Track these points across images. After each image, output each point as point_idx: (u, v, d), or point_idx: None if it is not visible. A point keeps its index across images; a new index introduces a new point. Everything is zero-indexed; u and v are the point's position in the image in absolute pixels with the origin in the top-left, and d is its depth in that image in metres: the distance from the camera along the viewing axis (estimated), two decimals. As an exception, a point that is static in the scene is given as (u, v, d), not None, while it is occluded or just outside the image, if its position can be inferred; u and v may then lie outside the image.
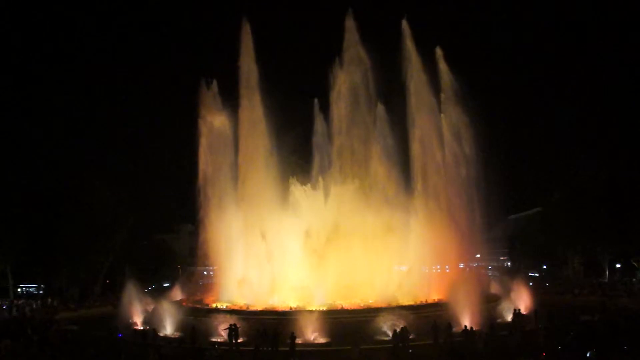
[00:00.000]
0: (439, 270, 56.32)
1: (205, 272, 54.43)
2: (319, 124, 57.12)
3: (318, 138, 57.08)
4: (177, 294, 54.71)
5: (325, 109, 55.75)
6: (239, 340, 36.34)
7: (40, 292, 75.84)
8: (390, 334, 35.78)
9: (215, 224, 53.08)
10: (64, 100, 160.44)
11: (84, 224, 65.69)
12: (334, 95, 54.07)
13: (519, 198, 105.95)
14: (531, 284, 59.85)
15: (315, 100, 56.99)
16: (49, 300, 65.60)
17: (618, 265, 79.50)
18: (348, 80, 53.72)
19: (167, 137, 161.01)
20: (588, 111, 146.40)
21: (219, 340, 37.34)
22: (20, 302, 62.27)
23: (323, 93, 54.85)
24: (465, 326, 36.08)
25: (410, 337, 34.79)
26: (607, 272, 76.05)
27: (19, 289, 78.62)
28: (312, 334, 36.88)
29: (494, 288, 53.79)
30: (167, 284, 71.96)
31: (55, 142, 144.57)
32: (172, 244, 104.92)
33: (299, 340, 34.86)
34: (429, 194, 52.63)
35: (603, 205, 66.99)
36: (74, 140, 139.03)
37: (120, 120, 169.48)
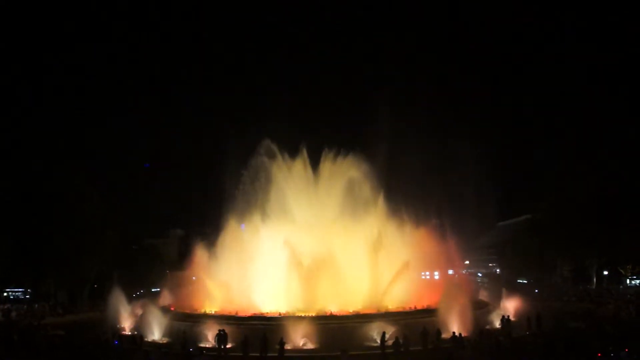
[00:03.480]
0: (428, 277, 56.51)
1: (194, 278, 54.23)
2: None
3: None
4: (166, 299, 54.38)
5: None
6: (227, 346, 36.21)
7: (27, 296, 75.11)
8: (379, 340, 35.78)
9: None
10: (56, 103, 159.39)
11: (73, 229, 65.17)
12: None
13: (509, 205, 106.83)
14: (520, 290, 60.11)
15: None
16: (36, 305, 65.00)
17: (606, 273, 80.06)
18: None
19: (160, 140, 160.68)
20: (577, 119, 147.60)
21: (207, 345, 37.20)
22: (6, 306, 61.63)
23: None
24: (454, 332, 36.22)
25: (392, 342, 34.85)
26: (595, 279, 76.55)
27: (5, 293, 77.87)
28: (301, 339, 36.82)
29: (483, 295, 54.04)
30: (156, 289, 71.54)
31: (45, 146, 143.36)
32: (161, 249, 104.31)
33: (288, 346, 34.79)
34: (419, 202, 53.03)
35: (591, 213, 67.52)
36: (64, 144, 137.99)
37: (110, 125, 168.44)
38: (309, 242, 48.12)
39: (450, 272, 55.94)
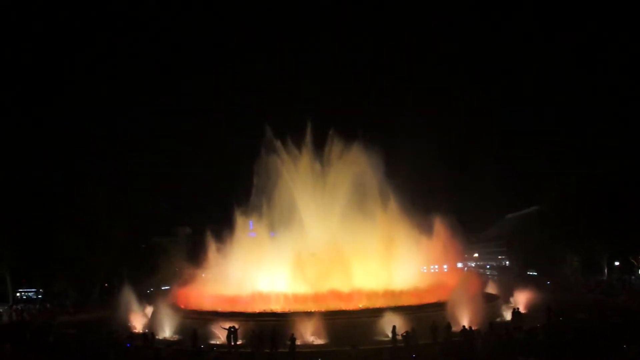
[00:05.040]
0: (437, 270, 56.41)
1: (203, 275, 54.52)
2: None
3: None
4: (176, 296, 54.56)
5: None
6: (238, 342, 36.36)
7: (39, 296, 75.70)
8: (390, 334, 35.77)
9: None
10: (62, 103, 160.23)
11: (81, 229, 65.54)
12: None
13: (516, 197, 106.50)
14: (530, 282, 59.89)
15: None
16: (48, 304, 65.47)
17: (617, 263, 79.40)
18: None
19: (164, 139, 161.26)
20: (584, 109, 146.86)
21: (217, 342, 37.35)
22: (19, 306, 62.19)
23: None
24: (464, 326, 36.11)
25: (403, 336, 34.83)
26: (605, 271, 75.96)
27: (18, 294, 78.48)
28: (311, 335, 36.87)
29: (493, 287, 53.85)
30: (166, 287, 71.92)
31: (54, 145, 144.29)
32: (170, 247, 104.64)
33: (297, 342, 34.82)
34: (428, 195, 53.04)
35: (600, 203, 66.90)
36: (71, 143, 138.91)
37: (116, 124, 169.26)
38: (318, 237, 48.22)
39: (460, 265, 55.79)
